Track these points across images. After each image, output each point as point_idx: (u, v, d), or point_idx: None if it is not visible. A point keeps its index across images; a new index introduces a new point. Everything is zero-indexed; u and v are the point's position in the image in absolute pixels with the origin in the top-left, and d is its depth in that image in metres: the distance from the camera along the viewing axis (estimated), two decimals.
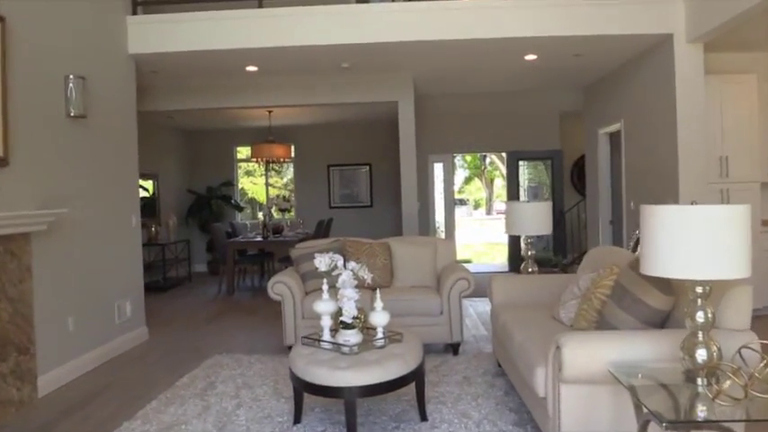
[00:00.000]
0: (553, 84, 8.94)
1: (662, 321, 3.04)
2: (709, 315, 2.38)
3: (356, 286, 3.50)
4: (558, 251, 10.25)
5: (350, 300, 3.34)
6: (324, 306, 3.55)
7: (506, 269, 11.25)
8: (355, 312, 3.38)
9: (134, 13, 6.17)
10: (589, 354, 2.78)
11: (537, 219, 5.06)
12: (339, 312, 3.48)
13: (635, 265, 3.18)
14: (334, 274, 3.48)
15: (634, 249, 6.93)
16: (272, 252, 9.80)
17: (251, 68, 7.15)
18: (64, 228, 4.82)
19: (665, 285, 2.95)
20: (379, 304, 3.56)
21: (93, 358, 5.25)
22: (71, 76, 4.94)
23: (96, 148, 5.44)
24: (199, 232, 11.81)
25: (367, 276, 3.54)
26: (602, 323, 3.26)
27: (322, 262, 3.47)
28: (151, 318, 6.81)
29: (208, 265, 11.80)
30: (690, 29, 5.84)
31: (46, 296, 4.61)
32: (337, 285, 3.44)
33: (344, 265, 3.53)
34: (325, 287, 3.59)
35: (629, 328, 3.02)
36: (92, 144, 5.36)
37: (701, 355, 2.36)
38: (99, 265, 5.45)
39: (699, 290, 2.38)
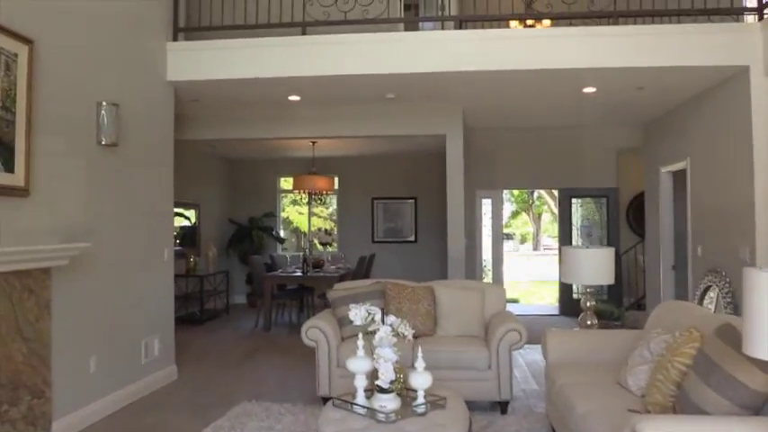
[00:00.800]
0: (611, 118, 8.46)
1: (761, 404, 2.53)
2: None
3: (395, 344, 3.08)
4: (613, 297, 9.58)
5: (387, 362, 2.92)
6: (359, 364, 3.14)
7: (556, 311, 10.66)
8: (393, 376, 2.96)
9: (174, 39, 5.97)
10: None
11: (598, 267, 4.56)
12: (375, 372, 3.07)
13: (724, 332, 2.70)
14: (370, 329, 3.08)
15: (700, 300, 6.36)
16: (311, 287, 9.46)
17: (293, 98, 6.89)
18: (88, 262, 4.54)
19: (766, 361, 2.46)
20: (420, 364, 3.14)
21: (116, 401, 4.93)
22: (104, 103, 4.72)
23: (128, 178, 5.19)
24: (239, 263, 11.57)
25: (407, 333, 3.13)
26: (683, 400, 2.76)
27: (358, 315, 3.08)
28: (182, 354, 6.51)
29: (247, 297, 11.54)
30: None
31: (66, 335, 4.32)
32: (374, 343, 3.03)
33: (383, 319, 3.13)
34: (360, 342, 3.19)
35: (719, 412, 2.52)
36: (123, 174, 5.11)
37: None
38: (126, 300, 5.16)
39: None
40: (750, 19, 5.75)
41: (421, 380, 3.14)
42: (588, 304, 4.78)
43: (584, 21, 6.03)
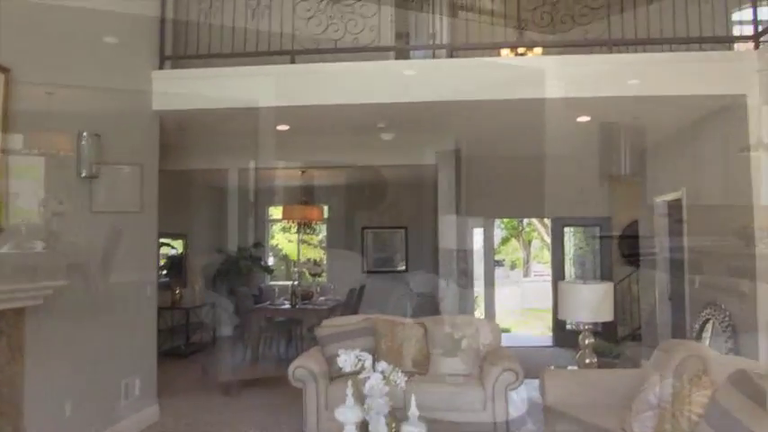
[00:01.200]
0: (605, 147, 8.34)
1: None
2: None
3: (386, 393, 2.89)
4: (607, 328, 9.33)
5: (378, 414, 2.73)
6: (348, 415, 2.94)
7: (550, 342, 10.46)
8: (385, 430, 2.77)
9: (161, 67, 5.83)
10: None
11: (597, 304, 4.40)
12: (366, 423, 2.88)
13: (739, 380, 2.54)
14: (360, 377, 2.89)
15: (699, 334, 6.19)
16: (300, 319, 9.22)
17: (282, 127, 6.74)
18: (64, 300, 4.29)
19: None
20: (414, 413, 2.95)
21: None
22: (84, 134, 4.55)
23: (109, 212, 4.99)
24: (227, 294, 11.31)
25: (400, 381, 2.94)
26: None
27: (347, 361, 2.89)
28: (166, 390, 6.23)
29: (234, 329, 11.26)
30: (766, 89, 5.23)
31: (39, 378, 4.08)
32: (364, 392, 2.84)
33: (373, 366, 2.94)
34: (349, 391, 2.99)
35: None
36: (104, 207, 4.91)
37: None
38: (105, 340, 4.92)
39: None
40: (743, 47, 5.69)
41: (415, 430, 2.94)
42: (587, 341, 4.60)
43: (578, 49, 5.95)
